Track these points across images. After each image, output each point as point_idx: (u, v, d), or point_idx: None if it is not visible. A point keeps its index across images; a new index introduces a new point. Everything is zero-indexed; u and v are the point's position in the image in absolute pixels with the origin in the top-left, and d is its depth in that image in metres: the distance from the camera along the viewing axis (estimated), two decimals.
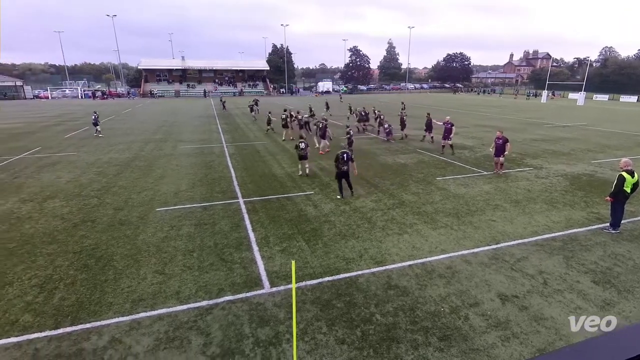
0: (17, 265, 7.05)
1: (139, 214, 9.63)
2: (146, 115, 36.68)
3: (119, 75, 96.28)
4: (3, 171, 14.34)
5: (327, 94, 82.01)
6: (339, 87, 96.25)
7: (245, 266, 7.01)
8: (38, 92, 71.07)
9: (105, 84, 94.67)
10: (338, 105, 44.08)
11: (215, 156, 16.94)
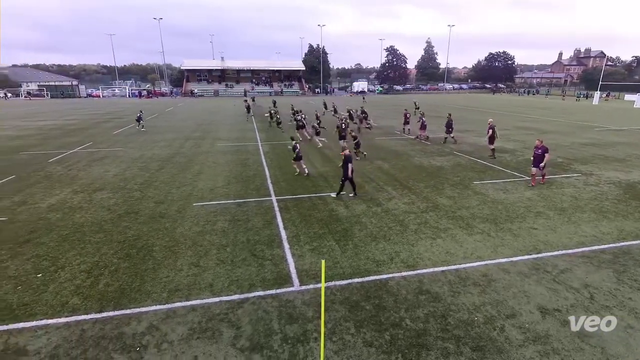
0: (68, 251, 7.62)
1: (177, 208, 10.07)
2: (187, 114, 38.30)
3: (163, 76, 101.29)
4: (59, 163, 15.54)
5: (363, 93, 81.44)
6: (374, 87, 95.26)
7: (276, 263, 7.13)
8: (91, 91, 76.37)
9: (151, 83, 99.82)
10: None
11: (250, 154, 17.36)
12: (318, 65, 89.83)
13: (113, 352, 4.85)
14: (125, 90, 77.19)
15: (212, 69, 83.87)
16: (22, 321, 5.43)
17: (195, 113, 38.97)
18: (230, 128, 26.80)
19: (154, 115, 36.32)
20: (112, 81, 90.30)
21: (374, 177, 13.26)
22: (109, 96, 74.23)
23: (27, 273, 6.75)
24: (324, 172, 14.02)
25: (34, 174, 13.86)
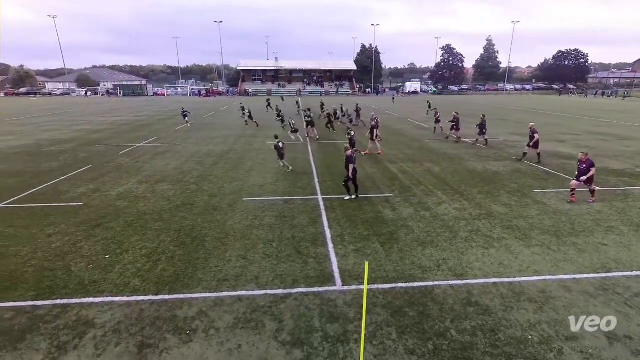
0: (132, 236, 8.33)
1: (229, 202, 10.56)
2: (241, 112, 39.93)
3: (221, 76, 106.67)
4: (128, 156, 17.03)
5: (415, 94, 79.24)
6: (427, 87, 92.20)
7: (319, 261, 7.19)
8: (157, 90, 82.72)
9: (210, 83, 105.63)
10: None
11: (298, 153, 17.68)
12: (370, 65, 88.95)
13: (166, 332, 5.21)
14: (187, 89, 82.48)
15: (267, 69, 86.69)
16: (92, 296, 6.04)
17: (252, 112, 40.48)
18: (280, 126, 27.48)
19: (210, 114, 38.38)
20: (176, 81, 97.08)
21: (422, 180, 12.84)
22: (173, 95, 79.81)
23: (97, 253, 7.50)
24: (371, 173, 13.86)
25: (106, 164, 15.33)
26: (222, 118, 34.18)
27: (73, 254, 7.48)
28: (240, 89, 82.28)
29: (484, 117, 18.95)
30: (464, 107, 44.27)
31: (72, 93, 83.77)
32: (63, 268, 6.91)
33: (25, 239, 8.17)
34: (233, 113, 39.35)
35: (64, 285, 6.34)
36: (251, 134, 23.78)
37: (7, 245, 7.85)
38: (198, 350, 4.88)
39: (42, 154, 17.51)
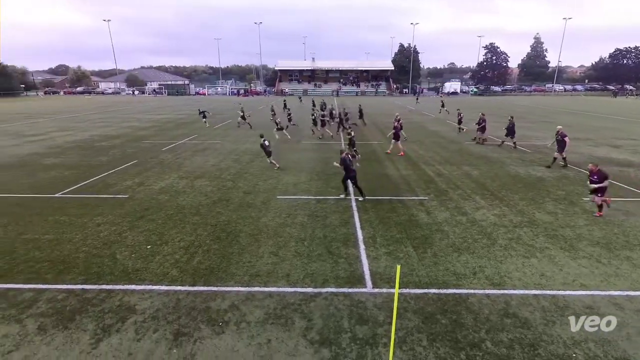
0: (172, 228, 8.74)
1: (263, 200, 10.78)
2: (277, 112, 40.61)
3: (259, 76, 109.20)
4: (170, 152, 17.90)
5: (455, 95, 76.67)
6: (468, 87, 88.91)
7: (350, 262, 7.16)
8: (198, 90, 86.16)
9: (248, 83, 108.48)
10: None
11: (333, 153, 17.69)
12: (408, 65, 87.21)
13: (200, 322, 5.42)
14: (226, 89, 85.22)
15: (303, 69, 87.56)
16: (134, 284, 6.41)
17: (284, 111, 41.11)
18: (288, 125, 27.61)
19: (247, 113, 39.30)
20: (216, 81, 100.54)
21: (460, 183, 12.39)
22: (213, 94, 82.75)
23: (140, 244, 7.94)
24: (406, 175, 13.59)
25: (150, 160, 16.19)
26: (258, 117, 34.95)
27: (118, 243, 7.97)
28: (277, 88, 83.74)
29: (512, 119, 18.53)
30: (505, 109, 42.22)
31: (122, 92, 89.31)
32: (109, 256, 7.40)
33: (77, 226, 8.82)
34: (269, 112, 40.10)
35: (109, 272, 6.78)
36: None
37: (62, 232, 8.52)
38: (229, 342, 5.03)
39: (94, 149, 18.83)
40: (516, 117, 21.64)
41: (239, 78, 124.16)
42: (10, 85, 78.18)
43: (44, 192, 11.46)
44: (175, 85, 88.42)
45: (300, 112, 36.68)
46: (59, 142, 20.74)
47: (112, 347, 4.93)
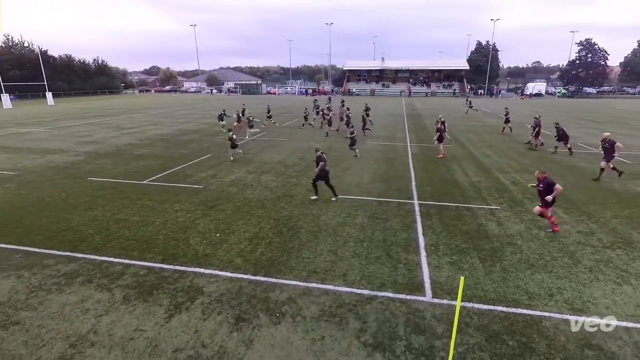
0: (239, 219, 9.30)
1: (324, 198, 10.93)
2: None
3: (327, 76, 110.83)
4: (242, 148, 19.00)
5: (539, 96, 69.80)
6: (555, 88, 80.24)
7: (409, 268, 6.94)
8: (269, 89, 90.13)
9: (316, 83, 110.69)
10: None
11: (397, 154, 17.28)
12: (485, 64, 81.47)
13: (259, 311, 5.69)
14: (295, 88, 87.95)
15: (372, 69, 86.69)
16: (203, 267, 6.96)
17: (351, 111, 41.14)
18: (381, 127, 27.24)
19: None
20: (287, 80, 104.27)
21: None
22: (282, 93, 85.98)
23: (210, 231, 8.59)
24: (476, 181, 12.73)
25: (223, 154, 17.37)
26: None
27: (192, 229, 8.71)
28: (344, 88, 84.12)
29: (558, 125, 17.33)
30: (597, 113, 37.24)
31: (202, 91, 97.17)
32: (184, 240, 8.12)
33: (159, 211, 9.84)
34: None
35: (183, 254, 7.45)
36: None
37: (146, 215, 9.58)
38: (285, 334, 5.20)
39: (176, 142, 20.80)
40: (616, 123, 18.90)
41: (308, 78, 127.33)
42: (113, 84, 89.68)
43: (134, 179, 12.97)
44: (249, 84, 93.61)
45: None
46: (149, 135, 23.27)
47: (182, 323, 5.41)
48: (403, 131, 25.31)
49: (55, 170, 14.30)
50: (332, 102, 34.77)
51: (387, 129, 26.37)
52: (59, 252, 7.55)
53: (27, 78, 61.85)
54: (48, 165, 15.09)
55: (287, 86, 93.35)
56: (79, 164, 15.49)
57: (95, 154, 17.43)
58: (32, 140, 21.73)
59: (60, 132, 25.20)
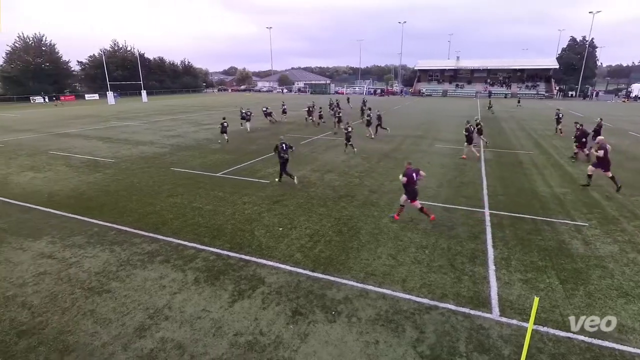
0: (301, 215, 9.55)
1: (387, 200, 10.72)
2: (411, 112, 39.66)
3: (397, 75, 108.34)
4: (306, 146, 19.51)
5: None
6: None
7: (475, 281, 6.49)
8: (337, 89, 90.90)
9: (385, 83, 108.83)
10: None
11: (468, 159, 16.25)
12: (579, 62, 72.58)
13: (316, 307, 5.79)
14: (363, 88, 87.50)
15: (445, 69, 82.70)
16: (265, 259, 7.29)
17: (420, 112, 39.80)
18: (452, 129, 25.86)
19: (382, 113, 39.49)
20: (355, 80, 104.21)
21: (639, 211, 9.73)
22: (350, 93, 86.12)
23: (273, 225, 8.96)
24: (560, 193, 11.43)
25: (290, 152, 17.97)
26: (392, 117, 34.74)
27: (257, 221, 9.17)
28: (414, 88, 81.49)
29: (582, 127, 15.89)
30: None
31: (274, 90, 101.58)
32: (249, 231, 8.59)
33: (229, 202, 10.53)
34: (403, 113, 39.44)
35: (248, 245, 7.88)
36: (419, 135, 23.30)
37: (218, 205, 10.32)
38: (339, 333, 5.22)
39: (248, 138, 22.05)
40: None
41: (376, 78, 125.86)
42: (196, 83, 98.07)
43: (209, 171, 14.06)
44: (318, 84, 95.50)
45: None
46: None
47: (243, 309, 5.73)
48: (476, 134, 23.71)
49: (145, 160, 16.11)
50: (365, 104, 34.64)
51: (457, 132, 24.93)
52: (145, 232, 8.50)
53: (127, 78, 70.57)
54: (139, 155, 17.06)
55: (355, 86, 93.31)
56: (164, 155, 17.26)
57: (178, 147, 19.26)
58: (128, 132, 24.76)
59: (151, 126, 28.33)
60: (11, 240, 8.19)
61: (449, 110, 41.84)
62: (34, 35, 65.86)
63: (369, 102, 38.02)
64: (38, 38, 66.09)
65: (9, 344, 5.00)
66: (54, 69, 67.08)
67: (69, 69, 73.00)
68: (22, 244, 8.00)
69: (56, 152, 18.09)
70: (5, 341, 5.04)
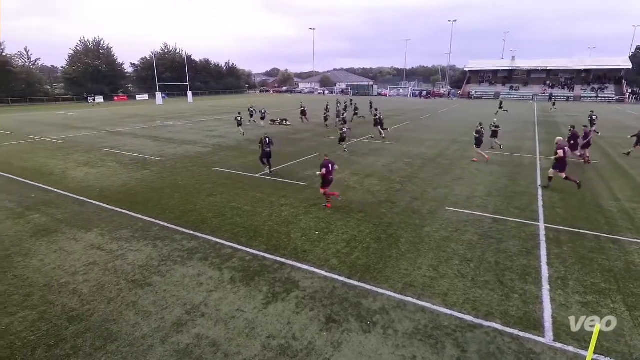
0: (338, 220, 9.54)
1: (429, 208, 10.41)
2: (459, 116, 38.27)
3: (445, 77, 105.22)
4: (348, 147, 19.49)
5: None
6: None
7: (526, 301, 6.10)
8: (380, 91, 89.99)
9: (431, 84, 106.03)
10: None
11: (523, 167, 15.35)
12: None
13: (350, 316, 5.74)
14: (408, 90, 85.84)
15: (498, 70, 78.99)
16: (301, 262, 7.36)
17: (468, 116, 38.29)
18: (505, 135, 24.57)
19: (427, 116, 38.53)
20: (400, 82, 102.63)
21: None
22: (394, 95, 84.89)
23: (310, 228, 9.02)
24: (630, 208, 10.45)
25: (329, 154, 18.04)
26: (438, 121, 33.74)
27: (294, 224, 9.29)
28: (463, 90, 78.59)
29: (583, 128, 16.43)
30: None
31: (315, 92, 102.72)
32: (286, 233, 8.72)
33: (267, 203, 10.77)
34: (450, 116, 38.18)
35: (284, 247, 8.00)
36: (467, 141, 22.39)
37: (256, 205, 10.59)
38: (374, 344, 5.14)
39: (287, 140, 22.45)
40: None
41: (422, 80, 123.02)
42: (239, 84, 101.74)
43: (248, 172, 14.49)
44: (360, 86, 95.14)
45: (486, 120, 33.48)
46: (265, 132, 25.67)
47: (277, 312, 5.82)
48: (532, 140, 22.38)
49: (189, 159, 16.95)
50: (374, 106, 34.61)
51: (512, 137, 23.66)
52: (185, 229, 8.93)
53: (175, 79, 74.83)
54: (183, 154, 17.98)
55: (399, 88, 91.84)
56: (206, 154, 18.06)
57: (220, 147, 20.06)
58: (174, 132, 26.21)
59: (195, 126, 29.77)
60: (66, 230, 8.97)
61: (500, 114, 39.87)
62: (93, 39, 72.15)
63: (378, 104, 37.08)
64: (97, 42, 72.24)
65: (60, 328, 5.46)
66: (110, 71, 72.95)
67: (123, 70, 78.95)
68: (75, 234, 8.73)
69: (109, 149, 19.58)
70: (58, 325, 5.52)
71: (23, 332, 5.38)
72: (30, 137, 23.79)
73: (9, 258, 7.61)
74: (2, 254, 7.80)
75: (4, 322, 5.60)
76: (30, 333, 5.35)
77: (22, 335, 5.31)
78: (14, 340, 5.21)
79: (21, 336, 5.28)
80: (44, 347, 5.07)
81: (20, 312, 5.84)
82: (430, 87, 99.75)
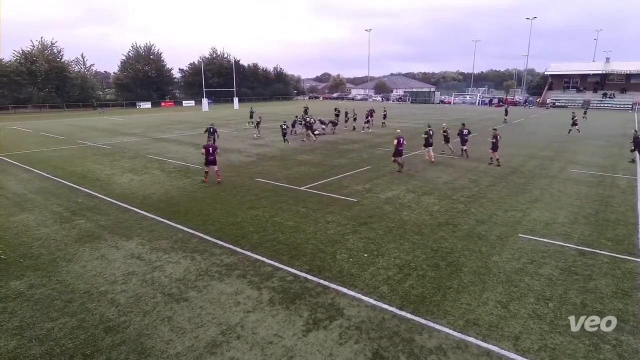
0: (390, 242, 9.35)
1: (499, 234, 9.85)
2: (539, 128, 36.15)
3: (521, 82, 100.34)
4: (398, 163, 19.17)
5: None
6: None
7: (621, 354, 5.49)
8: (444, 98, 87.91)
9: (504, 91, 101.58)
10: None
11: (618, 191, 14.05)
12: None
13: (401, 352, 5.54)
14: (476, 97, 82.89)
15: (588, 74, 73.74)
16: (346, 287, 7.28)
17: (550, 127, 36.03)
18: (595, 151, 22.76)
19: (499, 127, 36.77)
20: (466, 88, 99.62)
21: None
22: (459, 103, 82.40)
23: (358, 250, 8.93)
24: None
25: (382, 168, 17.88)
26: (511, 133, 32.11)
27: (340, 243, 9.26)
28: (543, 98, 74.22)
29: None
30: None
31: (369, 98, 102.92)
32: (331, 253, 8.71)
33: (311, 220, 10.87)
34: (527, 128, 36.17)
35: (328, 269, 7.99)
36: (548, 156, 21.03)
37: (300, 221, 10.74)
38: None
39: (336, 150, 22.63)
40: None
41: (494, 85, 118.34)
42: (287, 90, 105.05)
43: (293, 184, 14.77)
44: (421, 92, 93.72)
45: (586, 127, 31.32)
46: (310, 142, 26.17)
47: (318, 341, 5.79)
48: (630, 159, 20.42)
49: (231, 168, 17.70)
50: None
51: (603, 154, 21.82)
52: (224, 243, 9.27)
53: (222, 85, 79.03)
54: (226, 163, 18.81)
55: (465, 94, 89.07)
56: (250, 164, 18.74)
57: (264, 156, 20.73)
58: (218, 140, 27.56)
59: (240, 133, 31.12)
60: (108, 237, 9.72)
61: (591, 126, 36.98)
62: (145, 44, 78.92)
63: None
64: (148, 47, 78.96)
65: (97, 338, 5.87)
66: (158, 76, 79.09)
67: (171, 76, 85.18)
68: (117, 242, 9.43)
69: (153, 156, 21.07)
70: (95, 335, 5.94)
71: (62, 338, 5.85)
72: (80, 142, 26.36)
73: (54, 262, 8.40)
74: (48, 257, 8.63)
75: (46, 326, 6.14)
76: (68, 340, 5.81)
77: (62, 342, 5.78)
78: (53, 346, 5.69)
79: (60, 343, 5.76)
80: (80, 356, 5.47)
81: (60, 317, 6.38)
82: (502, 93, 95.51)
